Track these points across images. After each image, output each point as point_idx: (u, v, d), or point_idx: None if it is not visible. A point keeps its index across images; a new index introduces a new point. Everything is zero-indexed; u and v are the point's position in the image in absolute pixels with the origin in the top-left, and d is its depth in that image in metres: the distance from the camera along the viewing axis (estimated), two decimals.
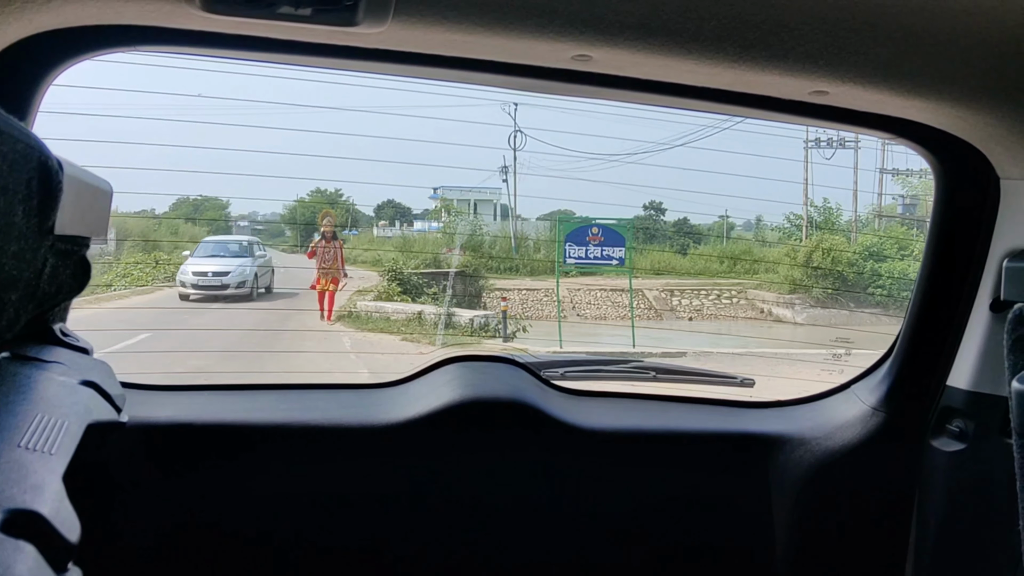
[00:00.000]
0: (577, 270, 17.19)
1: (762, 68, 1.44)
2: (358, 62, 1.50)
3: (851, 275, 21.32)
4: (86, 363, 1.00)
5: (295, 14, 1.22)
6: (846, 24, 1.29)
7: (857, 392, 2.04)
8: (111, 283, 18.34)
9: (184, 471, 1.76)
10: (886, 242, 22.23)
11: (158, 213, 25.13)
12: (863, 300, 20.81)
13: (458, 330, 13.50)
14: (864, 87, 1.49)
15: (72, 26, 1.30)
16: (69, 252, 0.93)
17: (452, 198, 25.33)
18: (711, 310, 21.57)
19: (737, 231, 30.75)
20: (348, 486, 1.82)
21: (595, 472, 1.92)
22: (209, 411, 1.83)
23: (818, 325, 19.19)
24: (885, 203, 26.39)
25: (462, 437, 1.85)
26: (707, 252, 25.99)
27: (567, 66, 1.51)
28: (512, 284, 20.29)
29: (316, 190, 27.77)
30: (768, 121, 1.76)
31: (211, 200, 29.11)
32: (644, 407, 2.09)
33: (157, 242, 21.68)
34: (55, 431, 0.76)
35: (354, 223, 30.63)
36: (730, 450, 1.99)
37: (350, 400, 1.94)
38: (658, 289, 21.73)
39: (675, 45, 1.37)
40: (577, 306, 20.41)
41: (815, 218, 24.46)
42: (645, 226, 28.11)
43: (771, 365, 11.69)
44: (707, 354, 12.96)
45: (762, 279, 22.25)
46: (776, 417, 2.08)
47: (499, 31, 1.35)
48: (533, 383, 1.99)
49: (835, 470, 1.94)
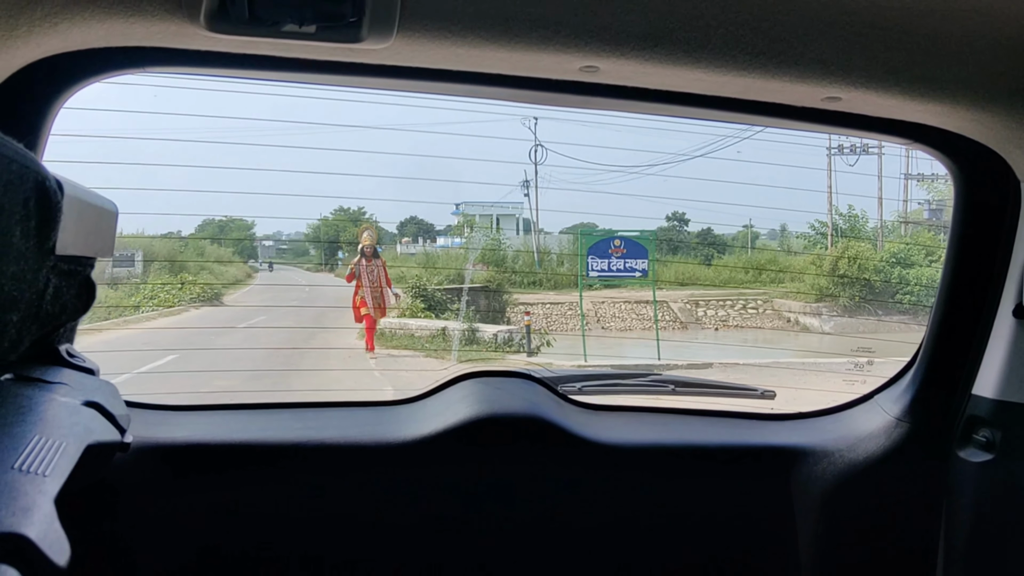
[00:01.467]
0: (600, 283, 17.11)
1: (772, 75, 1.42)
2: (364, 78, 1.51)
3: (878, 282, 21.08)
4: (91, 384, 1.00)
5: (299, 32, 1.23)
6: (857, 29, 1.27)
7: (880, 402, 2.00)
8: (139, 305, 18.55)
9: (200, 491, 1.76)
10: (913, 248, 21.98)
11: (184, 235, 25.45)
12: (891, 307, 20.56)
13: (482, 345, 13.47)
14: (878, 92, 1.47)
15: (80, 49, 1.31)
16: (72, 272, 0.94)
17: (474, 214, 25.41)
18: (737, 320, 21.40)
19: (762, 240, 30.54)
20: (364, 504, 1.81)
21: (614, 488, 1.89)
22: (225, 431, 1.83)
23: (846, 334, 18.97)
24: (911, 209, 26.10)
25: (479, 454, 1.83)
26: (732, 262, 25.83)
27: (575, 77, 1.51)
28: (535, 298, 20.27)
29: (339, 208, 28.01)
30: (781, 129, 1.74)
31: (236, 221, 29.45)
32: (663, 421, 2.06)
33: (183, 262, 21.93)
34: (52, 452, 0.76)
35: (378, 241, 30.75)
36: (751, 464, 1.95)
37: (366, 418, 1.94)
38: (683, 300, 21.60)
39: (683, 54, 1.36)
40: (601, 319, 20.33)
41: (840, 225, 24.25)
42: (668, 237, 28.00)
43: (798, 375, 11.56)
44: (733, 365, 12.84)
45: (788, 288, 22.06)
46: (798, 429, 2.04)
47: (505, 44, 1.34)
48: (550, 398, 1.97)
49: (859, 483, 1.90)
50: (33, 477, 0.70)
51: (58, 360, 0.99)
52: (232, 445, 1.78)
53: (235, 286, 23.86)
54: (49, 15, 1.15)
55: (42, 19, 1.15)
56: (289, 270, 29.65)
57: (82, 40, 1.27)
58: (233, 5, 1.16)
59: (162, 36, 1.28)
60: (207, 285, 20.81)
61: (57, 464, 0.75)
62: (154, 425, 1.77)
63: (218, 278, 22.45)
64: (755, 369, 12.48)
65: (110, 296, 18.62)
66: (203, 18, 1.20)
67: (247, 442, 1.79)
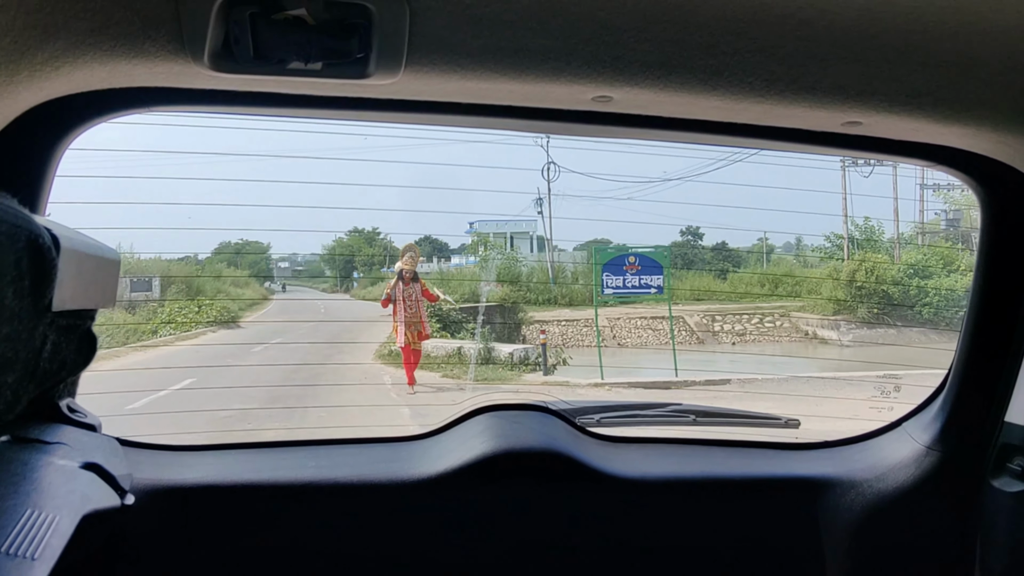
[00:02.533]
0: (615, 299, 17.04)
1: (791, 102, 1.38)
2: (372, 113, 1.48)
3: (896, 294, 20.92)
4: (91, 442, 0.97)
5: (305, 69, 1.20)
6: (878, 53, 1.23)
7: (909, 430, 1.94)
8: (156, 329, 18.67)
9: (212, 534, 1.72)
10: (931, 258, 21.83)
11: (200, 258, 25.66)
12: (911, 318, 20.38)
13: (498, 364, 13.41)
14: (900, 115, 1.42)
15: (83, 91, 1.29)
16: (72, 328, 0.91)
17: (488, 232, 25.45)
18: (754, 334, 21.27)
19: (777, 253, 30.40)
20: (379, 543, 1.77)
21: (635, 523, 1.84)
22: (237, 471, 1.79)
23: (865, 345, 18.81)
24: (927, 219, 25.93)
25: (496, 490, 1.79)
26: (747, 276, 25.73)
27: (587, 107, 1.47)
28: (551, 315, 20.22)
29: (354, 229, 28.17)
30: (800, 153, 1.70)
31: (252, 244, 29.71)
32: (684, 452, 2.01)
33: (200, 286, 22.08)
34: (44, 529, 0.72)
35: (392, 261, 30.89)
36: (777, 496, 1.90)
37: (380, 455, 1.90)
38: (699, 315, 21.50)
39: (698, 82, 1.32)
40: (618, 335, 20.26)
41: (856, 237, 24.12)
42: (683, 252, 27.93)
43: (818, 389, 11.45)
44: (752, 380, 12.72)
45: (805, 301, 21.93)
46: (824, 459, 1.98)
47: (515, 76, 1.31)
48: (567, 431, 1.93)
49: (890, 514, 1.84)
50: (20, 562, 0.67)
51: (58, 416, 0.95)
52: (244, 486, 1.74)
53: (251, 308, 23.99)
54: (52, 59, 1.13)
55: (44, 63, 1.13)
56: (304, 291, 29.83)
57: (85, 82, 1.25)
58: (237, 45, 1.14)
59: (166, 76, 1.26)
60: (223, 308, 20.92)
61: (48, 543, 0.71)
62: (164, 467, 1.74)
63: (234, 300, 22.58)
64: (773, 383, 12.36)
65: (128, 320, 18.77)
66: (207, 58, 1.17)
67: (259, 483, 1.75)
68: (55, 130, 1.33)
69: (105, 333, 17.07)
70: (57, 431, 0.92)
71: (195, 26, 1.12)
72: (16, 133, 1.27)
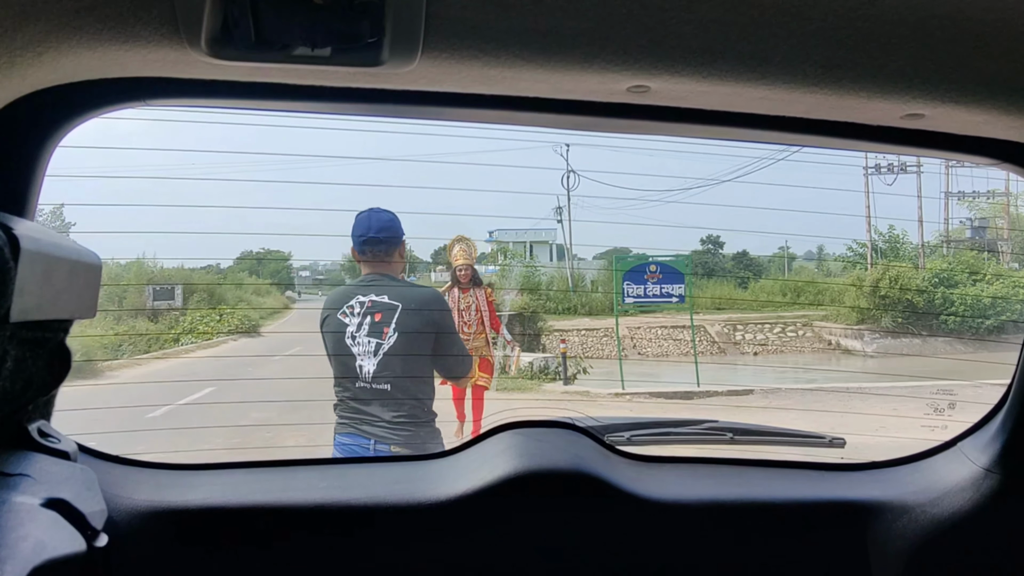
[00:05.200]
0: (636, 308, 16.91)
1: (847, 91, 1.25)
2: (386, 106, 1.36)
3: (920, 303, 20.69)
4: (60, 473, 0.85)
5: (312, 56, 1.09)
6: (947, 34, 1.11)
7: (965, 450, 1.80)
8: (178, 337, 18.80)
9: (217, 559, 1.62)
10: (956, 267, 21.60)
11: (222, 267, 25.90)
12: (936, 328, 20.13)
13: (518, 374, 13.31)
14: (968, 107, 1.29)
15: (72, 82, 1.19)
16: (39, 341, 0.79)
17: (508, 240, 25.46)
18: (776, 344, 21.08)
19: (798, 262, 30.21)
20: (394, 569, 1.66)
21: (669, 549, 1.72)
22: (244, 491, 1.69)
23: (890, 355, 18.57)
24: (952, 227, 25.63)
25: (519, 513, 1.68)
26: (768, 285, 25.58)
27: (622, 99, 1.35)
28: (571, 324, 20.15)
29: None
30: (852, 151, 1.57)
31: (273, 253, 29.97)
32: (721, 473, 1.88)
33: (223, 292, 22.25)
34: None
35: (412, 269, 31.05)
36: (822, 520, 1.76)
37: (395, 475, 1.79)
38: (720, 324, 21.36)
39: (745, 70, 1.20)
40: (638, 344, 20.14)
41: (879, 245, 23.90)
42: (703, 260, 27.79)
43: (843, 401, 11.27)
44: (775, 390, 12.55)
45: (828, 310, 21.74)
46: (873, 481, 1.84)
47: (543, 64, 1.19)
48: (596, 450, 1.81)
49: (946, 541, 1.70)
50: None
51: (27, 443, 0.84)
52: (251, 508, 1.64)
53: (272, 317, 24.13)
54: (31, 43, 1.03)
55: (23, 48, 1.03)
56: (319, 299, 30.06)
57: (73, 71, 1.15)
58: (237, 28, 1.03)
59: (161, 65, 1.16)
60: (244, 317, 21.07)
61: None
62: (165, 487, 1.64)
63: (255, 309, 22.74)
64: (797, 394, 12.19)
65: (151, 329, 18.93)
66: (204, 43, 1.07)
67: (267, 504, 1.65)
68: (43, 125, 1.23)
69: (128, 342, 17.24)
70: (22, 460, 0.81)
71: (190, 6, 1.01)
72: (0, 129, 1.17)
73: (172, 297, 21.01)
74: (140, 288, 20.26)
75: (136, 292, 20.26)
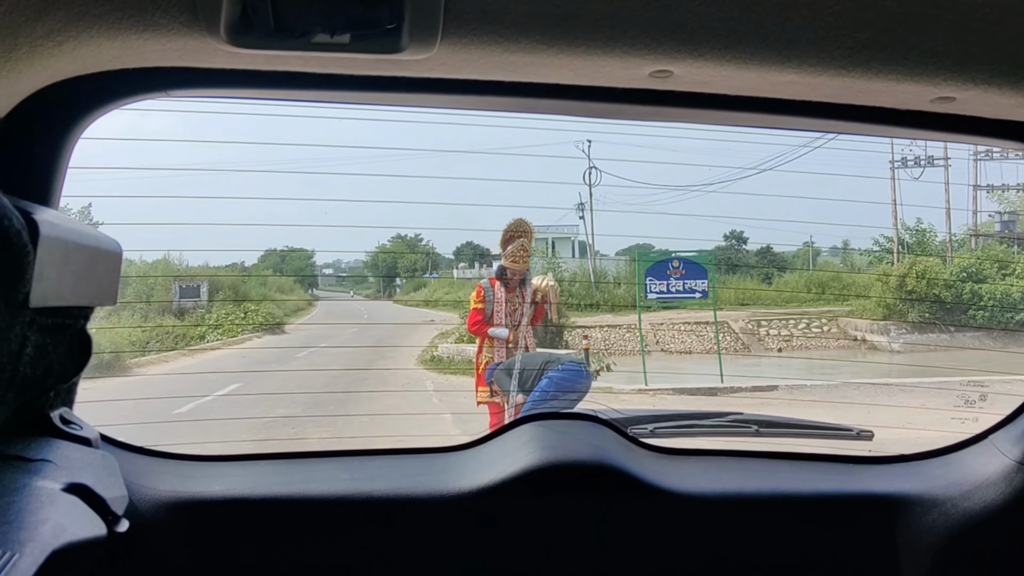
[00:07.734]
0: (658, 304, 16.81)
1: (875, 74, 1.23)
2: (405, 94, 1.35)
3: (948, 298, 20.39)
4: (82, 459, 0.85)
5: (332, 43, 1.08)
6: (979, 14, 1.08)
7: (997, 443, 1.76)
8: (204, 334, 19.01)
9: (239, 550, 1.62)
10: (985, 262, 21.27)
11: (247, 266, 26.11)
12: (964, 323, 19.83)
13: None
14: (1001, 89, 1.26)
15: (93, 72, 1.19)
16: (59, 327, 0.79)
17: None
18: (801, 340, 20.87)
19: (823, 257, 29.89)
20: (417, 560, 1.66)
21: (693, 543, 1.70)
22: (267, 483, 1.69)
23: (916, 350, 18.32)
24: (981, 220, 25.24)
25: (542, 505, 1.66)
26: (793, 280, 25.34)
27: (644, 85, 1.33)
28: (593, 321, 20.08)
29: (396, 236, 28.41)
30: (880, 136, 1.54)
31: (297, 251, 30.15)
32: (746, 466, 1.85)
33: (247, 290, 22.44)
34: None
35: (434, 266, 31.12)
36: (850, 514, 1.73)
37: (418, 467, 1.78)
38: (744, 320, 21.18)
39: (771, 52, 1.18)
40: (661, 341, 20.02)
41: (906, 240, 23.59)
42: (727, 256, 27.58)
43: (869, 395, 11.15)
44: (800, 387, 12.43)
45: (853, 306, 21.48)
46: (902, 474, 1.81)
47: (564, 49, 1.18)
48: (619, 442, 1.79)
49: (977, 536, 1.67)
50: None
51: (48, 429, 0.84)
52: (273, 499, 1.64)
53: (296, 314, 24.30)
54: (52, 32, 1.03)
55: (45, 38, 1.03)
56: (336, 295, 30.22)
57: (94, 61, 1.15)
58: (256, 15, 1.03)
59: (181, 54, 1.16)
60: (268, 314, 21.24)
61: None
62: (189, 478, 1.64)
63: (279, 306, 22.92)
64: (823, 390, 12.07)
65: (177, 326, 19.16)
66: (224, 31, 1.06)
67: (290, 496, 1.65)
68: (65, 116, 1.24)
69: (155, 339, 17.46)
70: (44, 447, 0.81)
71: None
72: (22, 119, 1.18)
73: (198, 295, 21.24)
74: (167, 286, 20.52)
75: (163, 290, 20.52)
